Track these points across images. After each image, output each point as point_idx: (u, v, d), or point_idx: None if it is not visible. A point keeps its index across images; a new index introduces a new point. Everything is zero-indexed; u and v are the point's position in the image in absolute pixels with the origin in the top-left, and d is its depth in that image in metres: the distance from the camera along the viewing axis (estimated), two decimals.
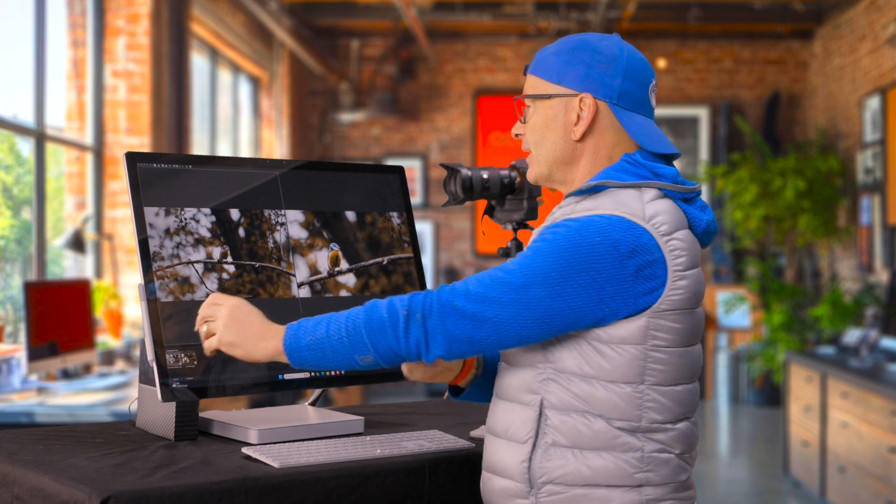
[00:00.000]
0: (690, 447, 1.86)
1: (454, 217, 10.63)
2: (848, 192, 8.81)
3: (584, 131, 1.87)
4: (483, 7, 9.52)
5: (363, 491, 1.89)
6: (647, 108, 1.91)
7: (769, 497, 6.50)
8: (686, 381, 1.85)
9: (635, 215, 1.77)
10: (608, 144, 1.88)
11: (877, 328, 6.65)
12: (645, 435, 1.79)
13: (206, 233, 2.14)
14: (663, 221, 1.79)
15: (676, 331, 1.81)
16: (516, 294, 1.74)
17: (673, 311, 1.80)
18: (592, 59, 1.87)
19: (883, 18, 8.11)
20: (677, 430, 1.82)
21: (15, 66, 5.79)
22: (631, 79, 1.88)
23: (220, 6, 8.10)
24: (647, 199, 1.81)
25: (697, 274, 1.84)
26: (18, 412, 4.09)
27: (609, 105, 1.87)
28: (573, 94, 1.88)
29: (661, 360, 1.80)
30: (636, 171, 1.85)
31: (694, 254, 1.84)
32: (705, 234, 1.90)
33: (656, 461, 1.79)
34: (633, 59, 1.89)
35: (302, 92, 10.49)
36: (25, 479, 1.83)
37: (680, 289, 1.80)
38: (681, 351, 1.83)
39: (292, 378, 2.17)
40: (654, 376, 1.79)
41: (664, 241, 1.78)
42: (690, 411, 1.87)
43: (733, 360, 9.80)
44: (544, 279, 1.73)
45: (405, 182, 2.43)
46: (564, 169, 1.91)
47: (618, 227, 1.75)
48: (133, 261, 6.17)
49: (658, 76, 9.35)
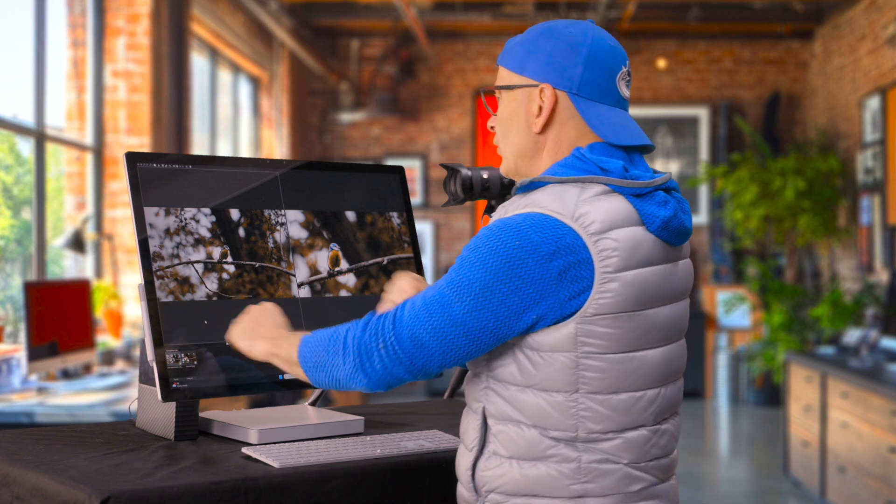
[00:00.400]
0: (644, 456, 1.74)
1: (454, 217, 10.63)
2: (848, 192, 8.81)
3: (544, 123, 1.79)
4: (483, 7, 9.52)
5: (363, 491, 1.89)
6: (615, 97, 1.80)
7: (769, 497, 6.50)
8: (630, 389, 1.72)
9: (562, 213, 1.68)
10: (570, 137, 1.79)
11: (877, 328, 6.65)
12: (584, 444, 1.71)
13: (206, 233, 2.14)
14: (594, 220, 1.68)
15: (611, 336, 1.69)
16: (446, 311, 1.69)
17: (604, 316, 1.68)
18: (554, 48, 1.79)
19: (883, 18, 8.11)
20: (624, 438, 1.72)
21: (15, 66, 5.79)
22: (594, 67, 1.78)
23: (220, 6, 8.10)
24: (587, 195, 1.71)
25: (639, 276, 1.71)
26: (18, 412, 4.09)
27: (569, 95, 1.78)
28: (534, 85, 1.80)
29: (594, 367, 1.69)
30: (582, 167, 1.74)
31: (634, 254, 1.70)
32: (665, 231, 1.75)
33: (597, 472, 1.71)
34: (597, 46, 1.78)
35: (302, 92, 10.49)
36: (25, 479, 1.83)
37: (609, 292, 1.67)
38: (619, 357, 1.70)
39: (292, 378, 2.17)
40: (589, 384, 1.69)
41: (592, 241, 1.67)
42: (642, 420, 1.74)
43: (733, 360, 9.80)
44: (468, 291, 1.68)
45: (405, 182, 2.43)
46: (529, 163, 1.83)
47: (539, 229, 1.67)
48: (133, 261, 6.17)
49: (658, 76, 9.26)
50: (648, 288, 1.72)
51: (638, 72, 10.50)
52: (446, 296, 1.70)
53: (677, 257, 1.80)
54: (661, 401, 1.77)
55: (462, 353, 1.71)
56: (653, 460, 1.76)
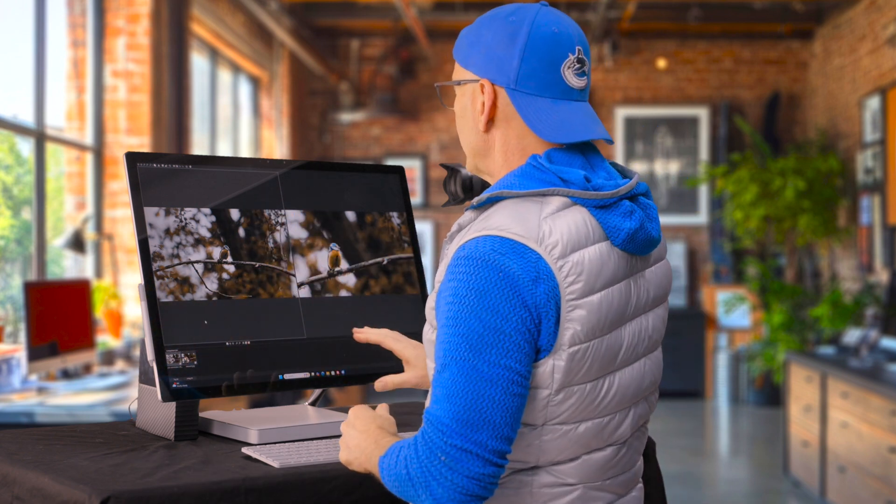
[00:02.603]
0: (604, 475, 1.66)
1: (454, 217, 10.63)
2: (848, 192, 8.81)
3: (487, 121, 1.67)
4: (483, 7, 9.52)
5: (363, 491, 1.89)
6: (560, 88, 1.65)
7: (769, 497, 6.50)
8: (599, 416, 1.63)
9: (526, 237, 1.55)
10: (516, 135, 1.66)
11: (877, 328, 6.65)
12: (540, 469, 1.63)
13: (206, 233, 2.14)
14: (556, 241, 1.55)
15: (580, 366, 1.58)
16: (472, 375, 1.51)
17: (575, 346, 1.57)
18: (493, 38, 1.65)
19: (883, 18, 8.11)
20: (583, 460, 1.63)
21: (15, 66, 5.79)
22: (532, 58, 1.63)
23: (220, 6, 8.10)
24: (548, 212, 1.58)
25: (605, 298, 1.59)
26: (18, 412, 4.09)
27: (507, 91, 1.65)
28: (475, 80, 1.68)
29: (562, 400, 1.58)
30: (541, 177, 1.61)
31: (599, 275, 1.58)
32: (631, 244, 1.62)
33: (548, 496, 1.62)
34: (536, 35, 1.63)
35: (302, 92, 10.49)
36: (25, 479, 1.83)
37: (576, 321, 1.56)
38: (588, 387, 1.61)
39: (292, 378, 2.17)
40: (557, 417, 1.59)
41: (557, 266, 1.55)
42: (608, 442, 1.65)
43: (733, 360, 9.80)
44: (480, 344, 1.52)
45: (405, 182, 2.43)
46: (484, 161, 1.72)
47: (511, 256, 1.54)
48: (133, 261, 6.17)
49: (658, 76, 9.26)
50: (615, 308, 1.61)
51: (638, 72, 10.50)
52: (461, 361, 1.53)
53: (644, 267, 1.68)
54: (631, 420, 1.69)
55: (517, 402, 1.53)
56: (612, 478, 1.68)
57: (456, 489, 1.51)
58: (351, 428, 1.70)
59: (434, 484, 1.51)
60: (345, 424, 1.71)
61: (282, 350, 2.16)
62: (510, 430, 1.52)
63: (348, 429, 1.70)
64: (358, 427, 1.69)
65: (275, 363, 2.15)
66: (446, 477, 1.50)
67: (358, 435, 1.68)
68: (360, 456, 1.66)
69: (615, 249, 1.62)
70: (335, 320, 2.24)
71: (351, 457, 1.68)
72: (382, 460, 1.59)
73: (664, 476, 2.29)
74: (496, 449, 1.51)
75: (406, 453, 1.55)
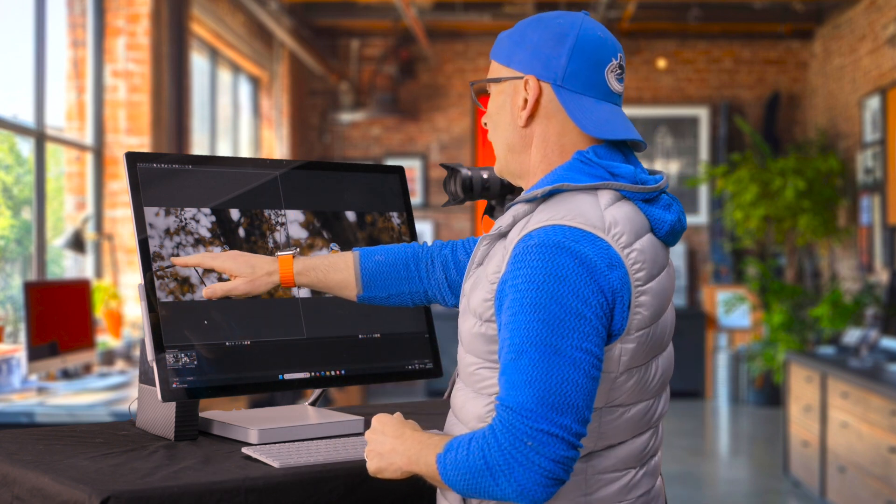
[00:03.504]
0: (642, 460, 1.73)
1: (454, 217, 10.63)
2: (848, 192, 8.81)
3: (529, 116, 1.72)
4: (483, 7, 9.52)
5: (363, 491, 1.89)
6: (603, 90, 1.71)
7: (769, 497, 6.50)
8: (645, 399, 1.70)
9: (594, 226, 1.60)
10: (556, 131, 1.72)
11: (877, 328, 6.65)
12: (594, 454, 1.67)
13: (206, 233, 2.14)
14: (622, 231, 1.62)
15: (639, 350, 1.64)
16: (551, 356, 1.53)
17: (639, 331, 1.63)
18: (540, 38, 1.71)
19: (883, 18, 8.11)
20: (630, 445, 1.70)
21: (15, 66, 5.79)
22: (579, 58, 1.69)
23: (220, 6, 8.10)
24: (605, 203, 1.64)
25: (659, 284, 1.67)
26: (18, 412, 4.09)
27: (553, 87, 1.70)
28: (519, 77, 1.73)
29: (623, 382, 1.65)
30: (591, 171, 1.67)
31: (654, 263, 1.66)
32: (670, 236, 1.72)
33: (601, 482, 1.68)
34: (584, 37, 1.70)
35: (302, 92, 10.49)
36: (25, 479, 1.83)
37: (642, 306, 1.62)
38: (642, 369, 1.67)
39: (292, 378, 2.17)
40: (616, 399, 1.66)
41: (625, 254, 1.61)
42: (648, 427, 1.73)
43: (733, 360, 9.80)
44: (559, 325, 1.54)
45: (405, 182, 2.43)
46: (518, 159, 1.76)
47: (584, 242, 1.58)
48: (133, 261, 6.17)
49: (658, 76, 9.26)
50: (664, 294, 1.68)
51: (638, 72, 10.50)
52: (542, 346, 1.54)
53: (668, 256, 1.77)
54: (663, 403, 1.76)
55: (594, 386, 1.56)
56: (647, 462, 1.74)
57: (543, 473, 1.50)
58: (380, 435, 1.69)
59: (519, 470, 1.50)
60: (371, 433, 1.70)
61: (282, 350, 2.16)
62: (589, 412, 1.55)
63: (378, 436, 1.69)
64: (389, 433, 1.68)
65: (275, 363, 2.15)
66: (533, 461, 1.50)
67: (392, 441, 1.67)
68: (399, 459, 1.65)
69: (657, 240, 1.70)
70: (335, 320, 2.24)
71: (384, 463, 1.67)
72: (444, 456, 1.58)
73: (664, 476, 2.29)
74: (579, 432, 1.54)
75: (482, 444, 1.53)
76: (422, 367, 2.35)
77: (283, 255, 2.00)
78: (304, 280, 2.00)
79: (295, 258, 2.00)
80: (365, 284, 2.00)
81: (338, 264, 2.01)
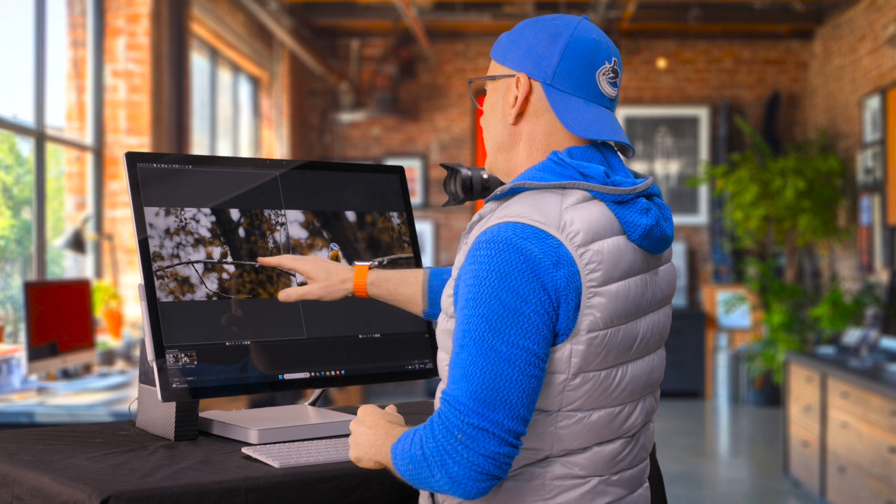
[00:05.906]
0: (613, 469, 1.70)
1: (454, 217, 10.63)
2: (848, 192, 8.81)
3: (518, 114, 1.73)
4: (483, 7, 9.52)
5: (363, 491, 1.89)
6: (593, 92, 1.71)
7: (769, 497, 6.50)
8: (611, 405, 1.67)
9: (546, 224, 1.59)
10: (544, 130, 1.72)
11: (877, 328, 6.65)
12: (552, 460, 1.65)
13: (206, 233, 2.14)
14: (578, 230, 1.60)
15: (597, 353, 1.62)
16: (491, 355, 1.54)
17: (592, 333, 1.61)
18: (535, 38, 1.72)
19: (883, 18, 8.11)
20: (594, 451, 1.67)
21: (15, 66, 5.79)
22: (571, 58, 1.70)
23: (220, 6, 8.10)
24: (568, 203, 1.63)
25: (622, 288, 1.64)
26: (18, 412, 4.09)
27: (542, 85, 1.71)
28: (511, 75, 1.74)
29: (578, 386, 1.62)
30: (561, 171, 1.66)
31: (617, 266, 1.63)
32: (646, 240, 1.68)
33: (560, 488, 1.65)
34: (578, 38, 1.71)
35: (302, 92, 10.49)
36: (25, 479, 1.83)
37: (595, 307, 1.60)
38: (602, 374, 1.64)
39: (292, 378, 2.17)
40: (571, 403, 1.63)
41: (578, 254, 1.59)
42: (618, 434, 1.69)
43: (733, 360, 9.80)
44: (499, 324, 1.55)
45: (405, 182, 2.43)
46: (506, 157, 1.76)
47: (533, 240, 1.58)
48: (133, 261, 6.17)
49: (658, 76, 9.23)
50: (631, 300, 1.65)
51: (638, 72, 10.50)
52: (480, 341, 1.55)
53: (657, 265, 1.74)
54: (639, 412, 1.72)
55: (533, 384, 1.55)
56: (621, 472, 1.71)
57: (472, 467, 1.52)
58: (360, 425, 1.72)
59: (450, 462, 1.53)
60: (354, 423, 1.73)
61: (282, 350, 2.16)
62: (526, 410, 1.55)
63: (357, 426, 1.72)
64: (367, 423, 1.71)
65: (275, 363, 2.15)
66: (462, 455, 1.52)
67: (368, 431, 1.70)
68: (371, 450, 1.68)
69: (632, 245, 1.67)
70: (335, 320, 2.24)
71: (360, 452, 1.70)
72: (395, 447, 1.61)
73: (664, 476, 2.29)
74: (512, 429, 1.54)
75: (421, 434, 1.57)
76: (422, 367, 2.35)
77: (360, 265, 2.08)
78: (376, 291, 2.07)
79: (370, 269, 2.07)
80: (431, 301, 2.05)
81: (408, 279, 2.07)
